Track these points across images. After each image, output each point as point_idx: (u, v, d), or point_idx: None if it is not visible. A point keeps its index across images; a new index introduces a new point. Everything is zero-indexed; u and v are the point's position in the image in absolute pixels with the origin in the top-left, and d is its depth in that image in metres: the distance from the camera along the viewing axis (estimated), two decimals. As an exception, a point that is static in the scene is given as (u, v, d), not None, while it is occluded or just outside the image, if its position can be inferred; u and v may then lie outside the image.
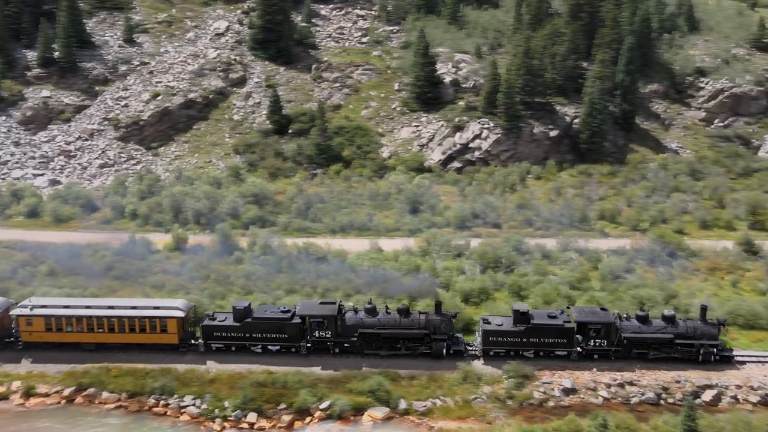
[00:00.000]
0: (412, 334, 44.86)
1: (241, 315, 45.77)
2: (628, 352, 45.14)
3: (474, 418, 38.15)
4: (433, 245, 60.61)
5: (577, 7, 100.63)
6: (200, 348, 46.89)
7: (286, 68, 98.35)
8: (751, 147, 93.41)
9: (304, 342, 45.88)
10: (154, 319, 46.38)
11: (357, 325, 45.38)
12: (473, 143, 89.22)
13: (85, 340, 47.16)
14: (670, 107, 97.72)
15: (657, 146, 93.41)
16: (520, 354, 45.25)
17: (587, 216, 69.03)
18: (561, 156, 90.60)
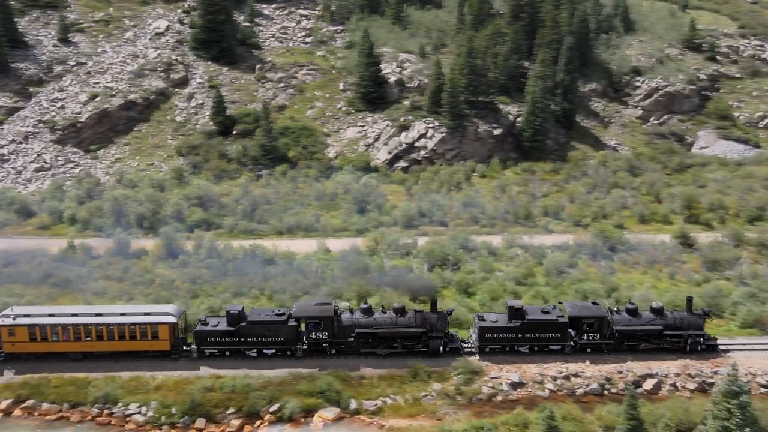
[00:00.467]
0: (409, 333, 44.78)
1: (235, 319, 44.89)
2: (620, 345, 45.85)
3: (424, 415, 38.32)
4: (381, 244, 60.80)
5: (517, 8, 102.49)
6: (193, 354, 45.71)
7: (230, 68, 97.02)
8: (685, 143, 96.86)
9: (300, 344, 45.34)
10: (144, 325, 45.05)
11: (353, 325, 45.12)
12: (419, 142, 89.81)
13: (72, 349, 45.38)
14: (609, 106, 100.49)
15: (597, 144, 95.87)
16: (515, 350, 45.61)
17: (531, 213, 70.34)
18: (505, 154, 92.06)
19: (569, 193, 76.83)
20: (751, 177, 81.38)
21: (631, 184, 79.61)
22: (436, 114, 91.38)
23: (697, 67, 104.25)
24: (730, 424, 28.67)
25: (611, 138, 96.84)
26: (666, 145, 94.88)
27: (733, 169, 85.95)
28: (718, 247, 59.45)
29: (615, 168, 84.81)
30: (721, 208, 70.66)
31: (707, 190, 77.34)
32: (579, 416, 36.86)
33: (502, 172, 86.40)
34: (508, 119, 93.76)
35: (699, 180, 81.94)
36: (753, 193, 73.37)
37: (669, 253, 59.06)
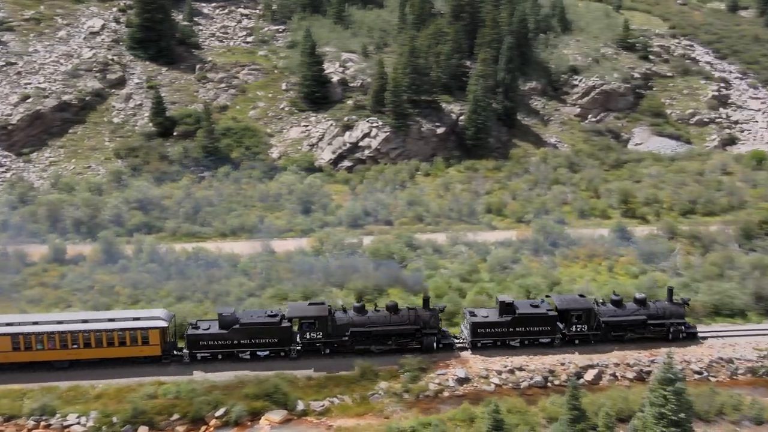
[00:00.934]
0: (404, 330, 45.14)
1: (228, 322, 44.44)
2: (606, 336, 47.03)
3: (372, 414, 38.40)
4: (326, 244, 60.58)
5: (458, 8, 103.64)
6: (185, 358, 44.89)
7: (169, 68, 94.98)
8: (621, 140, 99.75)
9: (294, 345, 45.20)
10: (134, 330, 43.89)
11: (348, 324, 45.21)
12: (363, 142, 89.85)
13: (58, 357, 43.87)
14: (548, 104, 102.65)
15: (538, 141, 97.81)
16: (507, 344, 46.17)
17: (475, 210, 71.25)
18: (448, 152, 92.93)
19: (511, 190, 78.11)
20: (683, 172, 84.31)
21: (570, 180, 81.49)
22: (380, 113, 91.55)
23: (631, 66, 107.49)
24: (665, 410, 29.68)
25: (551, 135, 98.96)
26: (603, 141, 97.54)
27: (667, 164, 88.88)
28: (654, 240, 61.55)
29: (555, 165, 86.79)
30: (656, 202, 72.34)
31: (643, 185, 79.64)
32: (523, 409, 37.55)
33: (446, 171, 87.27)
34: (451, 118, 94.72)
35: (635, 175, 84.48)
36: (685, 187, 76.07)
37: (607, 246, 60.76)
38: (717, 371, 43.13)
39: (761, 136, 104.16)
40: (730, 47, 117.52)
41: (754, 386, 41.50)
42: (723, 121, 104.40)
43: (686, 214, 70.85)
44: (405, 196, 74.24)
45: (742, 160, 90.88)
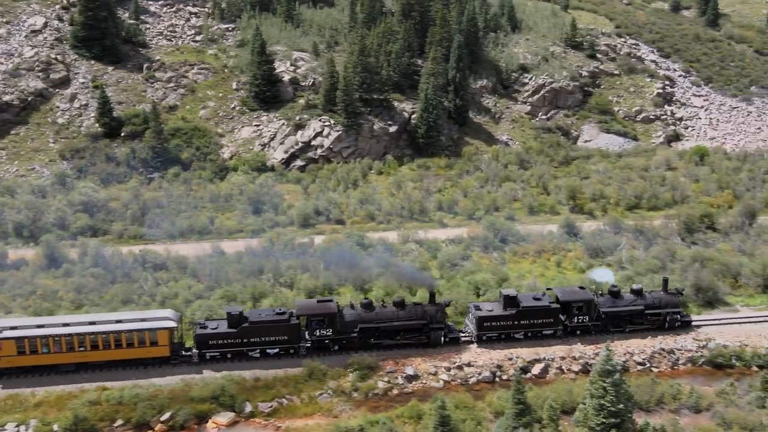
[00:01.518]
0: (412, 325, 45.65)
1: (237, 321, 44.29)
2: (605, 326, 48.07)
3: (320, 414, 38.24)
4: (276, 244, 60.11)
5: (408, 6, 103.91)
6: (194, 358, 44.44)
7: (115, 68, 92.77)
8: (570, 137, 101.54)
9: (303, 342, 45.34)
10: (142, 331, 43.15)
11: (356, 320, 45.53)
12: (315, 141, 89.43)
13: (65, 360, 42.85)
14: (499, 102, 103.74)
15: (489, 138, 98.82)
16: (511, 336, 47.02)
17: (426, 208, 71.58)
18: (400, 151, 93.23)
19: (463, 188, 78.76)
20: (629, 168, 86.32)
21: (521, 177, 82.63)
22: (332, 112, 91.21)
23: (579, 65, 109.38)
24: (605, 401, 30.29)
25: (502, 133, 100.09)
26: (553, 138, 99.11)
27: (614, 160, 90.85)
28: (600, 235, 62.75)
29: (506, 162, 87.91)
30: (603, 197, 73.84)
31: (590, 181, 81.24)
32: (471, 404, 37.85)
33: (399, 169, 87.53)
34: (402, 116, 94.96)
35: (583, 172, 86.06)
36: (630, 183, 77.75)
37: (556, 242, 61.69)
38: (659, 362, 44.24)
39: (704, 132, 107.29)
40: (672, 46, 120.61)
41: (693, 375, 42.68)
42: (668, 118, 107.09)
43: (632, 209, 72.51)
44: (357, 195, 74.17)
45: (685, 156, 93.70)
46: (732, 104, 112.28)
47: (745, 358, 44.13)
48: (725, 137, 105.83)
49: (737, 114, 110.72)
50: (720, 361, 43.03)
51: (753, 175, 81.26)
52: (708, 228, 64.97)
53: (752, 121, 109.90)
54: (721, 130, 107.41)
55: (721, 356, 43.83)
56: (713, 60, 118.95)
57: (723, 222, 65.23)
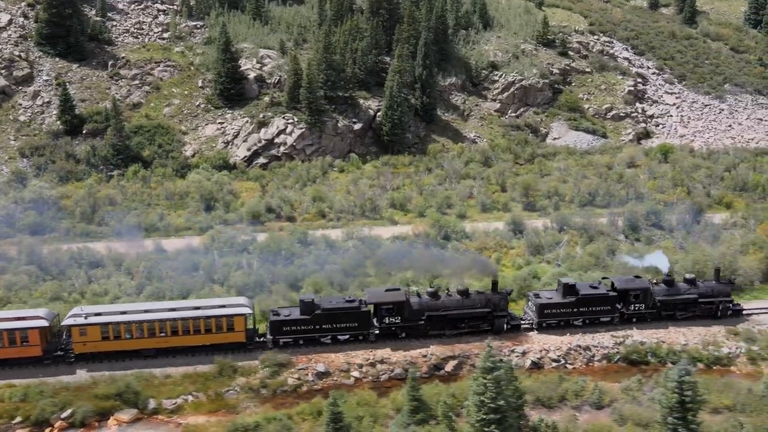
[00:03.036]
0: (476, 313, 47.08)
1: (310, 308, 45.70)
2: (660, 314, 49.46)
3: (225, 410, 38.07)
4: (216, 242, 60.07)
5: (376, 4, 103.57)
6: (268, 344, 45.78)
7: (80, 65, 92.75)
8: (539, 135, 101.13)
9: (372, 329, 46.63)
10: (220, 318, 44.45)
11: (423, 308, 46.91)
12: (278, 139, 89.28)
13: (146, 346, 44.16)
14: (468, 99, 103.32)
15: (457, 136, 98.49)
16: (570, 323, 48.31)
17: (378, 205, 71.40)
18: (365, 148, 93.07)
19: (420, 186, 78.54)
20: (591, 165, 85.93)
21: (481, 174, 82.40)
22: (295, 110, 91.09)
23: (550, 62, 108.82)
24: (485, 398, 30.13)
25: (470, 130, 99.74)
26: (521, 136, 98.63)
27: (578, 158, 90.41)
28: (542, 233, 62.42)
29: (468, 159, 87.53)
30: (557, 194, 73.85)
31: (550, 178, 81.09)
32: (373, 401, 37.61)
33: (362, 166, 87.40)
34: (368, 114, 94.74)
35: (545, 169, 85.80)
36: (585, 180, 77.43)
37: (499, 239, 61.47)
38: (574, 359, 44.05)
39: (675, 129, 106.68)
40: (647, 44, 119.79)
41: (607, 372, 42.44)
42: (638, 116, 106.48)
43: (585, 206, 72.14)
44: (311, 193, 74.06)
45: (650, 153, 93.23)
46: (704, 102, 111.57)
47: (660, 354, 44.03)
48: (695, 135, 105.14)
49: (709, 112, 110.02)
50: (635, 358, 42.75)
51: (711, 172, 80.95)
52: (652, 225, 64.88)
53: (723, 118, 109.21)
54: (691, 127, 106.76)
55: (636, 353, 43.58)
56: (688, 58, 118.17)
57: (668, 219, 65.00)
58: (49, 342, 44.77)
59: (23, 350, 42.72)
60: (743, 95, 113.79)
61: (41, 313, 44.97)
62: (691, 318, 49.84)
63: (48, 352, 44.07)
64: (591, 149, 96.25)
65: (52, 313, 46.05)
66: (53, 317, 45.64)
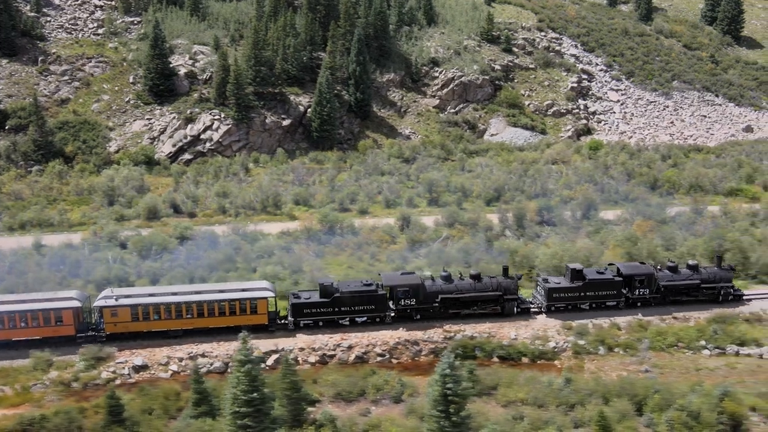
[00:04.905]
0: (488, 296, 48.77)
1: (329, 291, 47.20)
2: (664, 299, 50.93)
3: (29, 404, 37.26)
4: (99, 237, 59.95)
5: (314, 0, 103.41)
6: (289, 326, 47.38)
7: (9, 61, 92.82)
8: (477, 131, 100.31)
9: (388, 311, 48.15)
10: (244, 301, 46.19)
11: (437, 291, 48.54)
12: (204, 135, 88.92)
13: (173, 326, 45.81)
14: (406, 95, 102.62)
15: (391, 132, 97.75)
16: (577, 307, 49.95)
17: (280, 201, 71.03)
18: (296, 144, 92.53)
19: (336, 182, 78.08)
20: (518, 161, 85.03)
21: (401, 170, 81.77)
22: (223, 106, 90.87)
23: (492, 59, 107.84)
24: (237, 390, 29.68)
25: (406, 126, 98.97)
26: (457, 132, 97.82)
27: (506, 154, 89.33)
28: (423, 228, 61.55)
29: (392, 155, 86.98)
30: (463, 190, 73.30)
31: (469, 174, 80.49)
32: (173, 394, 37.15)
33: (290, 163, 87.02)
34: (298, 110, 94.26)
35: (468, 166, 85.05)
36: (492, 177, 76.41)
37: (383, 235, 60.81)
38: (401, 353, 43.39)
39: (617, 126, 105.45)
40: (597, 40, 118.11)
41: (432, 365, 41.33)
42: (580, 112, 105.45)
43: (491, 201, 71.53)
44: (217, 189, 73.82)
45: (581, 149, 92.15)
46: (650, 98, 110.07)
47: (486, 349, 43.51)
48: (636, 131, 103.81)
49: (653, 108, 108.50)
50: (460, 353, 42.05)
51: (625, 168, 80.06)
52: (543, 222, 64.22)
53: (667, 115, 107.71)
54: (633, 124, 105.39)
55: (462, 347, 42.90)
56: (638, 54, 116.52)
57: (558, 215, 64.13)
58: (81, 322, 46.26)
59: (57, 330, 44.64)
60: (691, 92, 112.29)
61: (74, 294, 46.68)
62: (693, 302, 51.19)
63: (80, 331, 45.64)
64: (526, 145, 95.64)
65: (84, 294, 47.76)
66: (85, 299, 47.35)
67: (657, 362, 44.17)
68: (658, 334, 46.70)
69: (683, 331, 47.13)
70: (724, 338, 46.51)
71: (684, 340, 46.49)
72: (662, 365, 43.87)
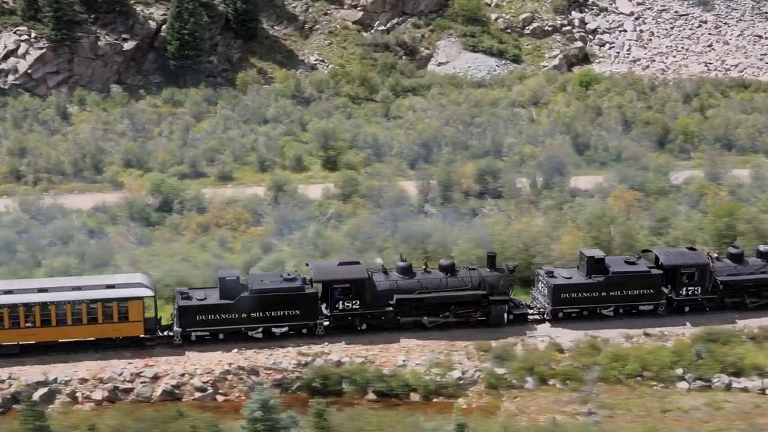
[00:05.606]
0: (466, 297, 47.81)
1: (233, 288, 45.92)
2: (723, 300, 50.47)
3: None
4: None
5: None
6: (176, 338, 45.89)
7: None
8: (418, 58, 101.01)
9: (321, 318, 47.44)
10: (109, 302, 44.67)
11: (392, 290, 47.44)
12: (5, 63, 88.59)
13: (4, 340, 44.40)
14: (314, 5, 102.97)
15: (289, 60, 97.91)
16: (597, 312, 49.68)
17: (102, 162, 71.33)
18: (144, 78, 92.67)
19: (194, 133, 78.50)
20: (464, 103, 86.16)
21: (292, 116, 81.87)
22: (35, 21, 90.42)
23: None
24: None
25: (312, 52, 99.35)
26: (387, 60, 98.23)
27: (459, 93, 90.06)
28: (305, 201, 62.24)
29: (290, 93, 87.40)
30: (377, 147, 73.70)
31: (393, 123, 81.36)
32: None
33: (133, 104, 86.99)
34: (147, 27, 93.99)
35: (396, 110, 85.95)
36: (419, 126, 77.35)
37: (242, 211, 60.27)
38: (231, 387, 43.31)
39: (627, 50, 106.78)
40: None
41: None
42: (574, 31, 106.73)
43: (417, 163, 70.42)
44: (10, 143, 73.82)
45: (567, 85, 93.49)
46: (680, 11, 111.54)
47: (358, 381, 43.14)
48: (655, 58, 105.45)
49: (684, 25, 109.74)
50: (318, 386, 42.66)
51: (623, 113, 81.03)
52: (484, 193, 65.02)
53: (704, 34, 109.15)
54: (653, 48, 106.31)
55: (321, 378, 43.58)
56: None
57: (507, 183, 64.53)
58: None
59: None
60: (742, 1, 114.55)
61: None
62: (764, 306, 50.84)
63: None
64: (489, 80, 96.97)
65: None
66: None
67: (608, 400, 43.70)
68: (615, 358, 45.87)
69: (652, 355, 46.38)
70: (711, 365, 45.83)
71: (652, 368, 45.70)
72: (614, 404, 43.40)
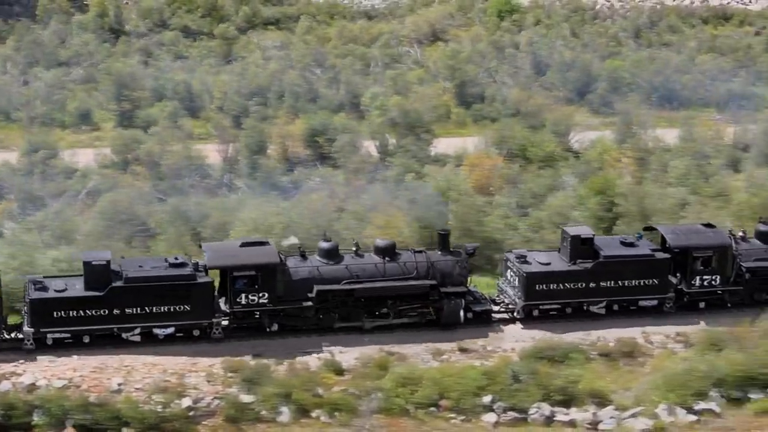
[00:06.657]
0: (409, 289, 48.12)
1: (102, 276, 45.42)
2: (749, 295, 50.03)
3: None
4: None
5: None
6: (26, 341, 45.51)
7: None
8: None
9: (218, 315, 46.93)
10: None
11: (311, 279, 47.19)
12: None
13: None
14: None
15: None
16: (584, 309, 49.57)
17: None
18: None
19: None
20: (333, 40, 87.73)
21: (94, 58, 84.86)
22: None
23: None
24: None
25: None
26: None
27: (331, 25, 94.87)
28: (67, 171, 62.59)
29: (101, 27, 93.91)
30: (190, 98, 76.62)
31: (229, 67, 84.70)
32: None
33: None
34: None
35: (240, 51, 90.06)
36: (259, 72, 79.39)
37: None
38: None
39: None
40: None
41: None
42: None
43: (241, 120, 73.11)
44: None
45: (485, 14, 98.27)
46: None
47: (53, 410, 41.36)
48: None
49: None
50: None
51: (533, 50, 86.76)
52: (316, 159, 66.27)
53: None
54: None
55: (3, 408, 41.63)
56: None
57: (342, 146, 65.66)
58: None
59: None
60: None
61: None
62: None
63: None
64: (385, 8, 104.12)
65: None
66: None
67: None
68: (405, 382, 45.35)
69: (456, 377, 45.61)
70: (530, 391, 44.74)
71: (452, 394, 45.00)
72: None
